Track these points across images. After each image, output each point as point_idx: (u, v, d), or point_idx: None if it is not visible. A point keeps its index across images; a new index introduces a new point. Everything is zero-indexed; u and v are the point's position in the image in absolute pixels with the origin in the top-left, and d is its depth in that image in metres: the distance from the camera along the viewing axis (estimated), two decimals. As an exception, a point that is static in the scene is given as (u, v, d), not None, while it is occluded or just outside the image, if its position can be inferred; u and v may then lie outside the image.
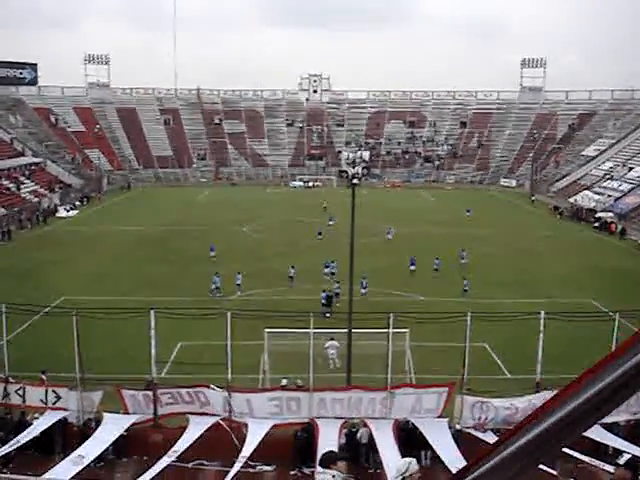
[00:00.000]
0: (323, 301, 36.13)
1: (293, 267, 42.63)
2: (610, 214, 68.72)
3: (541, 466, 2.65)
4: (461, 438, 20.48)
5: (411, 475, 6.12)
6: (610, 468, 10.46)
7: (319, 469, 5.62)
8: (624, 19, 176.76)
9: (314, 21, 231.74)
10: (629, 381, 1.95)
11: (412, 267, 45.40)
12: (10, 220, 63.88)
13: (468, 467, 2.44)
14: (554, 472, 5.97)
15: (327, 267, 43.96)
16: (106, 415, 21.39)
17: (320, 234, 56.46)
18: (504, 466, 2.23)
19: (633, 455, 9.30)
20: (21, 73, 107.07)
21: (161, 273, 44.73)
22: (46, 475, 17.68)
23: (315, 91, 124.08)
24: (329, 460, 5.73)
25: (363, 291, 38.31)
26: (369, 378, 23.94)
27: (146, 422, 21.80)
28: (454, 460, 18.57)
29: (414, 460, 5.95)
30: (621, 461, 6.17)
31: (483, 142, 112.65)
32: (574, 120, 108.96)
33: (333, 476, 5.42)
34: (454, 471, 17.51)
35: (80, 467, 18.19)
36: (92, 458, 19.08)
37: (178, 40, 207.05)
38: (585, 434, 15.14)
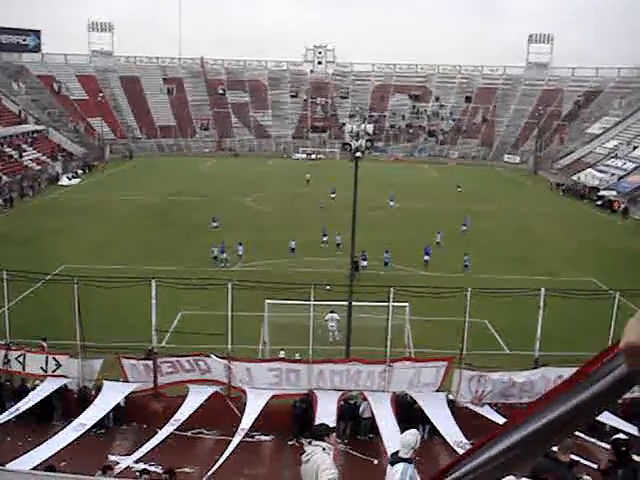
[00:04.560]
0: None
1: (294, 239, 42.77)
2: (613, 192, 68.53)
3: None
4: (454, 408, 20.62)
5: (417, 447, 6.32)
6: (606, 446, 10.51)
7: (312, 441, 5.67)
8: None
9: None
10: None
11: (426, 257, 41.39)
12: (12, 187, 63.78)
13: (472, 450, 2.44)
14: (554, 448, 6.01)
15: (325, 236, 44.52)
16: (106, 383, 21.51)
17: (322, 207, 56.22)
18: (507, 453, 2.22)
19: (626, 434, 9.35)
20: (24, 40, 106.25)
21: (162, 242, 44.76)
22: (48, 441, 17.87)
23: (320, 62, 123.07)
24: (323, 433, 5.80)
25: (364, 264, 38.45)
26: (368, 351, 24.04)
27: (146, 391, 21.93)
28: (452, 434, 18.70)
29: (418, 433, 6.05)
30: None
31: (488, 117, 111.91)
32: (580, 97, 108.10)
33: (324, 448, 5.48)
34: (452, 444, 17.67)
35: (79, 434, 18.35)
36: (92, 424, 19.25)
37: (183, 9, 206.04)
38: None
